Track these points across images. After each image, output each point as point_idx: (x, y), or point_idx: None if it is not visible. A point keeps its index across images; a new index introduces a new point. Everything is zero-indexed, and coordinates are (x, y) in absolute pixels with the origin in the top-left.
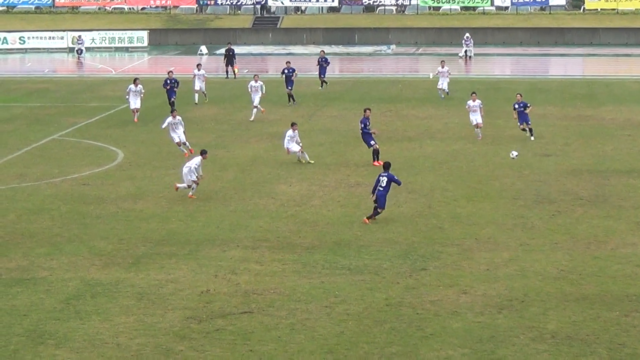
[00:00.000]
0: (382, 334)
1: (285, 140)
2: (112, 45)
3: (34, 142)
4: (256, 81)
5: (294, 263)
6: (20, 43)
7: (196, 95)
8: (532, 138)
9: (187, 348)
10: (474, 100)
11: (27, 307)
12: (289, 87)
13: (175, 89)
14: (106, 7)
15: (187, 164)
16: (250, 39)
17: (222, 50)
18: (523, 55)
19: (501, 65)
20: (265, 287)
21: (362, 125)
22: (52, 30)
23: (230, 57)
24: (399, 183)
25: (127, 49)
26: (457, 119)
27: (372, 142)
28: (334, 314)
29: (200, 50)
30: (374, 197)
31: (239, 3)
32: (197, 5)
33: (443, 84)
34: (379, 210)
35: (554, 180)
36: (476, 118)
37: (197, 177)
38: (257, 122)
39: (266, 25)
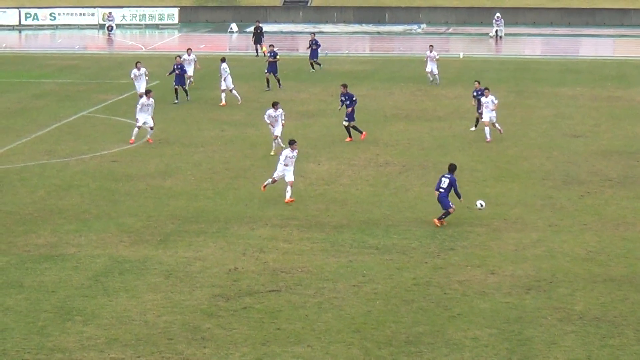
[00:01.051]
0: (409, 314)
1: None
2: (143, 22)
3: (64, 119)
4: (275, 109)
5: (322, 242)
6: (51, 19)
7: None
8: (473, 129)
9: (214, 326)
10: (486, 96)
11: (55, 283)
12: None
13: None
14: None
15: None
16: (281, 17)
17: (252, 29)
18: (553, 35)
19: (531, 46)
20: (293, 266)
21: (343, 100)
22: (82, 7)
23: (258, 36)
24: (458, 195)
25: (157, 26)
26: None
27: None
28: (362, 293)
29: (231, 28)
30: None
31: None
32: None
33: (432, 68)
34: (449, 210)
35: (583, 161)
36: (490, 116)
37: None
38: (288, 101)
39: (297, 3)
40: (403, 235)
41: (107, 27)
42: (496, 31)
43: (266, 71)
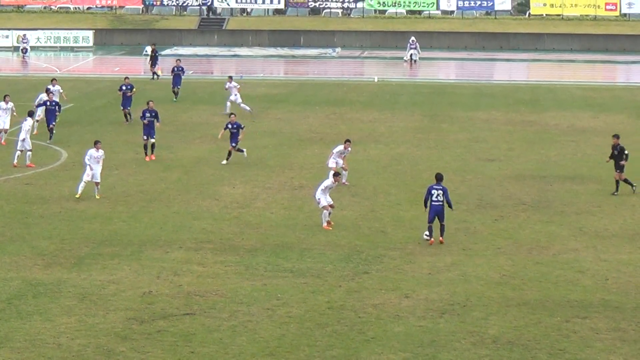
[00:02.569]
0: (323, 337)
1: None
2: (58, 44)
3: None
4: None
5: (237, 265)
6: None
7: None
8: (224, 162)
9: (128, 349)
10: (345, 148)
11: None
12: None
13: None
14: (52, 7)
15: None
16: (196, 40)
17: (167, 51)
18: (468, 59)
19: (446, 70)
20: (207, 289)
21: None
22: None
23: (154, 58)
24: (450, 205)
25: (72, 49)
26: (401, 122)
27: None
28: (276, 317)
29: (146, 51)
30: (427, 210)
31: (184, 4)
32: (142, 5)
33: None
34: (443, 223)
35: (497, 185)
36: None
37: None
38: (202, 124)
39: (212, 26)
40: (317, 258)
41: (22, 49)
42: (411, 55)
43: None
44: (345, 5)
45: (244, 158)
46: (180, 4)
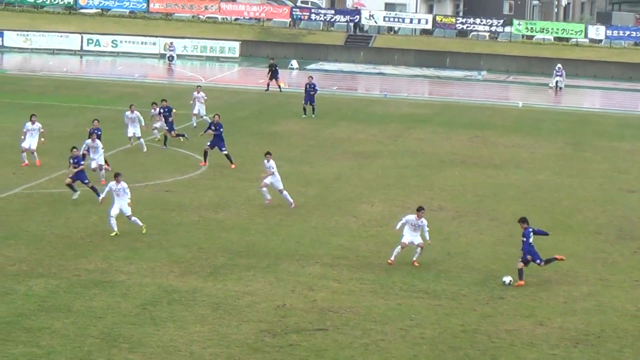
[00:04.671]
0: None
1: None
2: (204, 54)
3: (120, 146)
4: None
5: (372, 283)
6: (112, 46)
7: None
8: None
9: None
10: (418, 218)
11: (103, 309)
12: (308, 102)
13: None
14: (200, 16)
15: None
16: (342, 56)
17: (313, 65)
18: (614, 89)
19: (591, 99)
20: (341, 306)
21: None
22: (144, 36)
23: (274, 72)
24: (544, 233)
25: (218, 59)
26: (543, 149)
27: (223, 148)
28: (409, 337)
29: (291, 65)
30: (529, 258)
31: (332, 20)
32: (290, 19)
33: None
34: (540, 263)
35: (637, 217)
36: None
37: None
38: (345, 140)
39: (358, 43)
40: (453, 281)
41: (168, 57)
42: (556, 82)
43: (304, 101)
44: (493, 28)
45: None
46: (327, 20)
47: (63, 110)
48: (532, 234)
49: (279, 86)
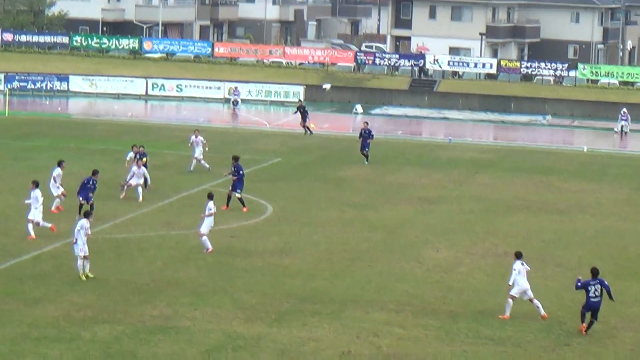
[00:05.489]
0: None
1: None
2: (268, 98)
3: (184, 191)
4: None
5: (437, 330)
6: (177, 91)
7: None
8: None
9: None
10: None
11: (168, 355)
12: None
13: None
14: (264, 60)
15: None
16: (406, 100)
17: (377, 110)
18: None
19: None
20: (406, 352)
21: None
22: (209, 80)
23: (303, 114)
24: (611, 296)
25: (282, 103)
26: (609, 194)
27: (238, 190)
28: None
29: (355, 109)
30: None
31: (396, 64)
32: (354, 63)
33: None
34: (594, 320)
35: None
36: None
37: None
38: (409, 186)
39: (423, 87)
40: (518, 327)
41: (233, 102)
42: (622, 126)
43: (360, 149)
44: (558, 72)
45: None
46: (392, 64)
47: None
48: (599, 286)
49: (309, 128)
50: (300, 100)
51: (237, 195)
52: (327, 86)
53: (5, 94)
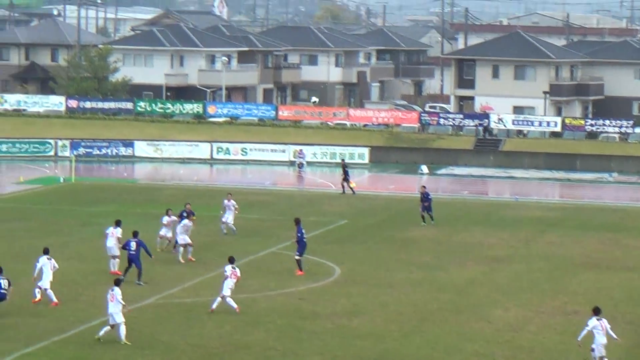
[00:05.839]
0: None
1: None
2: (333, 160)
3: (252, 254)
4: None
5: None
6: (242, 154)
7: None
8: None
9: None
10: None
11: None
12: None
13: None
14: (328, 123)
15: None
16: (472, 160)
17: (442, 170)
18: None
19: None
20: None
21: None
22: (274, 143)
23: (346, 173)
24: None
25: (347, 165)
26: None
27: (298, 253)
28: None
29: (421, 170)
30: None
31: (461, 124)
32: (419, 124)
33: None
34: None
35: None
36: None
37: None
38: (476, 245)
39: (488, 147)
40: None
41: (298, 164)
42: None
43: (421, 210)
44: (623, 129)
45: None
46: (456, 124)
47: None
48: None
49: (351, 188)
50: (342, 160)
51: (296, 257)
52: (314, 100)
53: (72, 161)
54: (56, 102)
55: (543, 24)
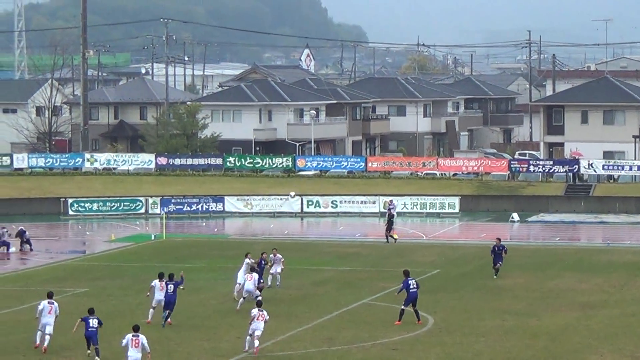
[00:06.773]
0: None
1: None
2: (424, 210)
3: (344, 306)
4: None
5: None
6: (332, 207)
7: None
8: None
9: None
10: None
11: None
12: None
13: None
14: (418, 173)
15: None
16: (562, 206)
17: (533, 217)
18: None
19: None
20: None
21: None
22: (364, 195)
23: (390, 222)
24: None
25: (438, 215)
26: None
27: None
28: None
29: (512, 218)
30: None
31: (551, 170)
32: (508, 172)
33: None
34: None
35: None
36: None
37: None
38: (569, 291)
39: (578, 192)
40: None
41: (388, 215)
42: None
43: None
44: None
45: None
46: (546, 171)
47: (285, 272)
48: None
49: (393, 237)
50: (389, 209)
51: (402, 307)
52: (292, 194)
53: (162, 218)
54: (146, 160)
55: (631, 68)
